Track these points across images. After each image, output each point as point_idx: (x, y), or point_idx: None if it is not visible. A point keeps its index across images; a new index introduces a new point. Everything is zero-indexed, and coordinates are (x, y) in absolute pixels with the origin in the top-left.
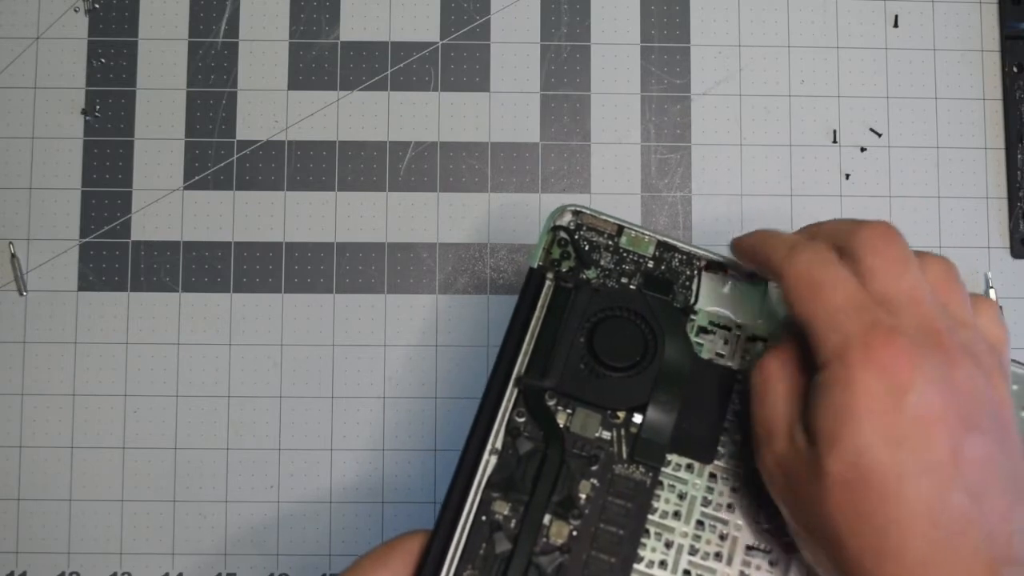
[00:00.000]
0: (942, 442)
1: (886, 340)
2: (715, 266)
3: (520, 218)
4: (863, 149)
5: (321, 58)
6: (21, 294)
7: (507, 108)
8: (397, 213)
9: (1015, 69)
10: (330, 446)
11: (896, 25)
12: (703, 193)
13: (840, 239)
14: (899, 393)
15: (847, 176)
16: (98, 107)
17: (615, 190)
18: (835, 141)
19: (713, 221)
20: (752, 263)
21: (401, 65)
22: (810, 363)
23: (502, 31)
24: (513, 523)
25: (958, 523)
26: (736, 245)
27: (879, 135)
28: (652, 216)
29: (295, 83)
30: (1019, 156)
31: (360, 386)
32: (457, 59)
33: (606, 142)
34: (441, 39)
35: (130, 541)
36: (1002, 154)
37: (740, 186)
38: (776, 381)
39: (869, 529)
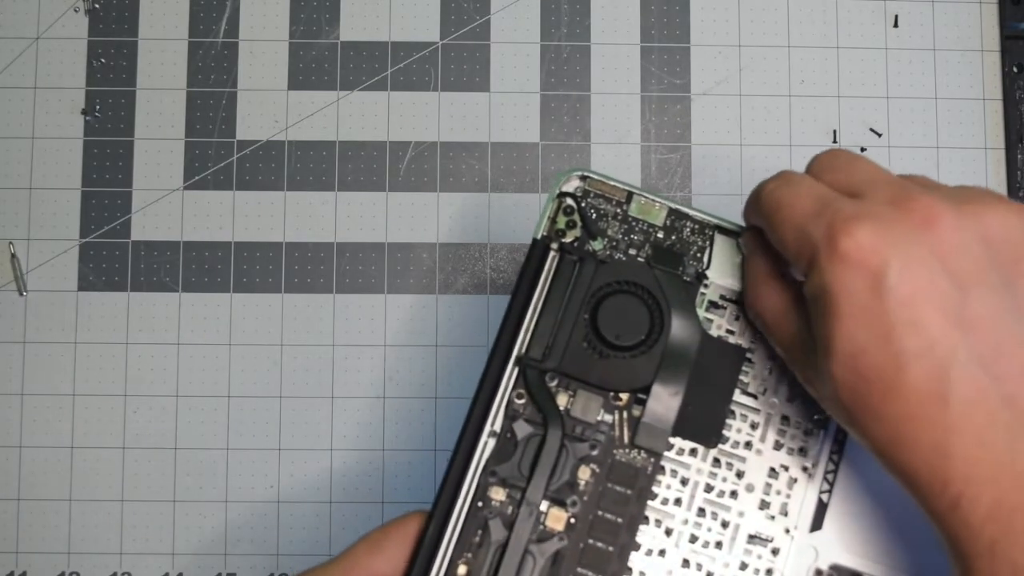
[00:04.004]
0: (935, 315)
1: (847, 229)
2: (728, 234)
3: (520, 218)
4: (863, 149)
5: (321, 58)
6: (21, 294)
7: (507, 108)
8: (397, 213)
9: (1015, 69)
10: (330, 446)
11: (896, 25)
12: (703, 193)
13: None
14: (876, 280)
15: None
16: (98, 107)
17: None
18: (835, 141)
19: None
20: (752, 221)
21: (401, 65)
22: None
23: (502, 31)
24: (510, 509)
25: (968, 395)
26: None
27: (879, 135)
28: None
29: (295, 83)
30: (1019, 156)
31: (360, 386)
32: (457, 59)
33: (606, 142)
34: (441, 39)
35: (130, 541)
36: (1002, 154)
37: (740, 186)
38: (764, 305)
39: (881, 424)
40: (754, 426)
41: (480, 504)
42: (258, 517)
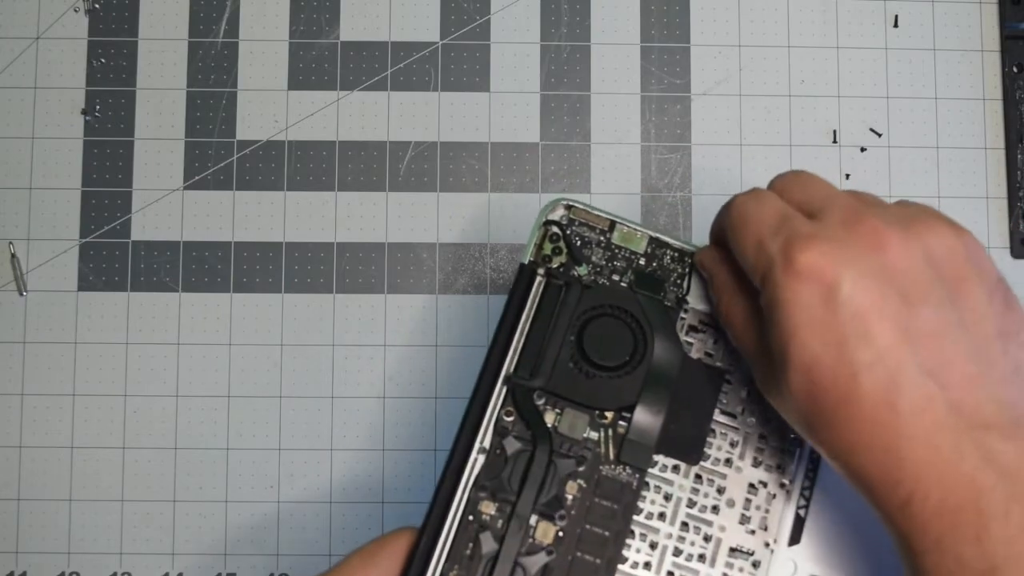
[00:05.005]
0: (885, 328)
1: (803, 246)
2: None
3: (520, 218)
4: (863, 149)
5: (321, 58)
6: (21, 294)
7: (507, 108)
8: (397, 213)
9: (1015, 69)
10: (330, 446)
11: (896, 25)
12: (703, 193)
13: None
14: (829, 294)
15: (847, 176)
16: (98, 107)
17: (615, 190)
18: (835, 141)
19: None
20: (716, 239)
21: (401, 65)
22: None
23: (502, 31)
24: (499, 523)
25: (917, 403)
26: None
27: (879, 135)
28: (652, 216)
29: (295, 83)
30: (1019, 156)
31: (360, 386)
32: (457, 59)
33: (606, 142)
34: (441, 39)
35: (130, 541)
36: (1002, 154)
37: (740, 186)
38: (732, 316)
39: (835, 431)
40: (733, 444)
41: (471, 518)
42: (258, 517)
